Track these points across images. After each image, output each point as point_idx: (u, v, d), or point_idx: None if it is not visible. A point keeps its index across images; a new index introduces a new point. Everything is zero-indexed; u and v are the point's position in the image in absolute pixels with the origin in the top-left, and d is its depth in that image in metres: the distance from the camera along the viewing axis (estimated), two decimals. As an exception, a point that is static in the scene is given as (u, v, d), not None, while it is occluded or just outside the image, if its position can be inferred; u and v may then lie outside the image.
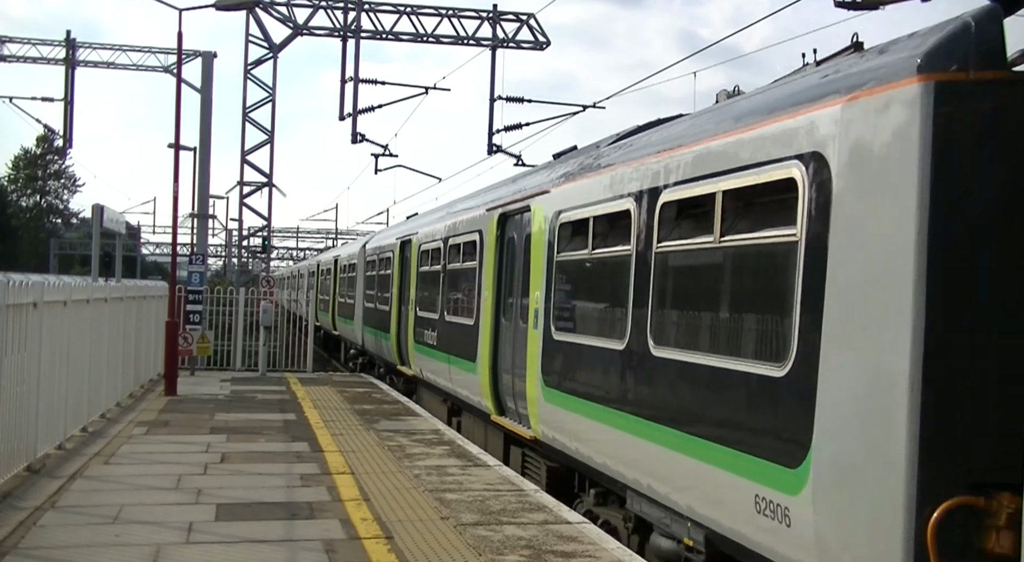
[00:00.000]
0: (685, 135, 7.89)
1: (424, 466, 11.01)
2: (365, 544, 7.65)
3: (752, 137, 6.56)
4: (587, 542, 7.85)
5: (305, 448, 12.13)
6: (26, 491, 9.22)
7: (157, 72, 38.67)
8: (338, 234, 77.01)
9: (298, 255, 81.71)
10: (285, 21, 29.98)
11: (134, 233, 70.79)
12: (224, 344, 23.44)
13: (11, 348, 9.07)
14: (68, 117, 38.82)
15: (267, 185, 31.14)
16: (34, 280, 10.95)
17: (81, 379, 12.45)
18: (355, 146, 31.12)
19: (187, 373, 20.82)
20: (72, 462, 10.79)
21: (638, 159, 8.55)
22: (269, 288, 24.06)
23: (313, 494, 9.45)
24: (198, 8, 18.91)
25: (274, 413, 15.42)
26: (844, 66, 6.11)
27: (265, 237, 32.40)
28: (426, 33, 30.68)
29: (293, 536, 7.90)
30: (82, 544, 7.52)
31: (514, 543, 7.73)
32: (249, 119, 30.47)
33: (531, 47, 31.24)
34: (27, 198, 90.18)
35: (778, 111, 6.37)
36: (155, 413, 15.13)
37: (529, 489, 9.89)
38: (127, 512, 8.55)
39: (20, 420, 9.53)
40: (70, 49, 37.47)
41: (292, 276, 54.36)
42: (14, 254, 74.94)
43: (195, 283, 20.93)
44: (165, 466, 10.76)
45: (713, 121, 7.55)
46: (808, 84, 6.40)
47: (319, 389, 19.28)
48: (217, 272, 56.23)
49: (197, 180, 33.61)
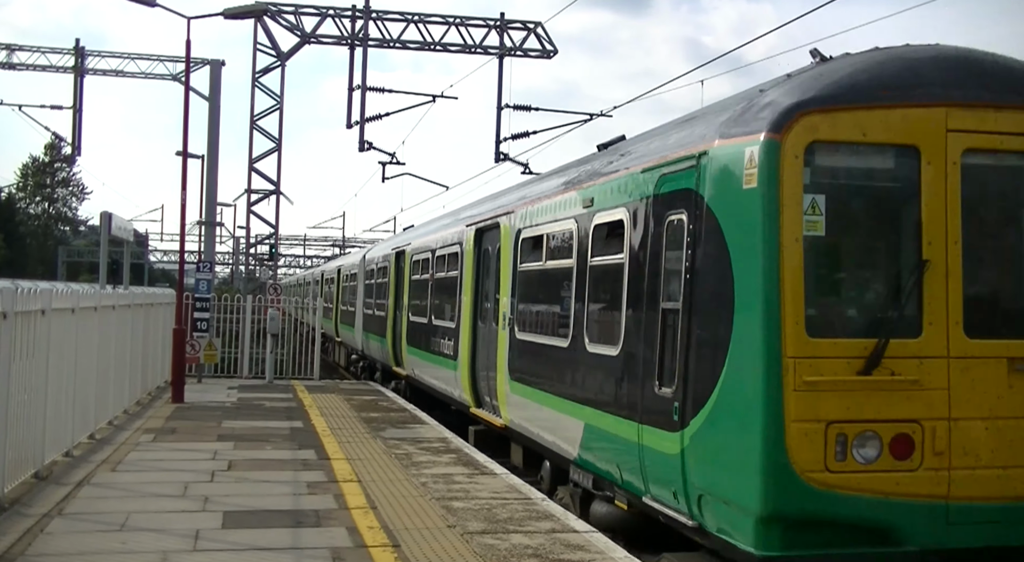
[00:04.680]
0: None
1: (431, 474, 10.99)
2: (372, 552, 7.63)
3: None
4: (594, 551, 7.82)
5: (312, 456, 12.12)
6: (33, 498, 9.22)
7: (165, 80, 38.89)
8: (345, 242, 77.06)
9: (305, 263, 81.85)
10: (293, 29, 30.09)
11: (142, 241, 70.97)
12: (231, 351, 23.47)
13: (19, 355, 9.07)
14: (77, 125, 39.04)
15: (274, 193, 31.24)
16: (42, 287, 10.98)
17: (88, 386, 12.46)
18: (362, 154, 31.26)
19: (194, 380, 20.83)
20: (79, 469, 10.79)
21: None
22: (276, 296, 24.09)
23: (320, 502, 9.43)
24: (206, 16, 19.02)
25: (281, 420, 15.42)
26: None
27: (272, 245, 32.47)
28: (433, 41, 30.76)
29: (300, 544, 7.88)
30: (89, 551, 7.51)
31: (521, 552, 7.70)
32: (257, 127, 30.59)
33: (538, 55, 31.29)
34: (35, 206, 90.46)
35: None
36: (162, 420, 15.14)
37: (536, 497, 9.86)
38: (134, 519, 8.54)
39: (28, 427, 9.54)
40: (79, 57, 37.68)
41: (299, 284, 54.97)
42: (22, 261, 75.15)
43: (202, 290, 20.95)
44: (172, 473, 10.76)
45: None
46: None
47: (326, 397, 19.28)
48: (224, 280, 56.29)
49: (205, 188, 33.77)
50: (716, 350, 6.93)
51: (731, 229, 6.93)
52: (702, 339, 7.16)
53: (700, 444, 7.09)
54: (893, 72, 6.95)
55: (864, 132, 6.67)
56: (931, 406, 6.60)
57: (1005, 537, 6.69)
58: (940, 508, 6.58)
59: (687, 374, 7.29)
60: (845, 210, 6.86)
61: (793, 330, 6.43)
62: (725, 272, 6.92)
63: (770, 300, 6.48)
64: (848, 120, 6.66)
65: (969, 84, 6.93)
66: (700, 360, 7.16)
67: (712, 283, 7.10)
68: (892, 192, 7.02)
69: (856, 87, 6.78)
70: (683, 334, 7.37)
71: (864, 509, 6.48)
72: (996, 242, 7.17)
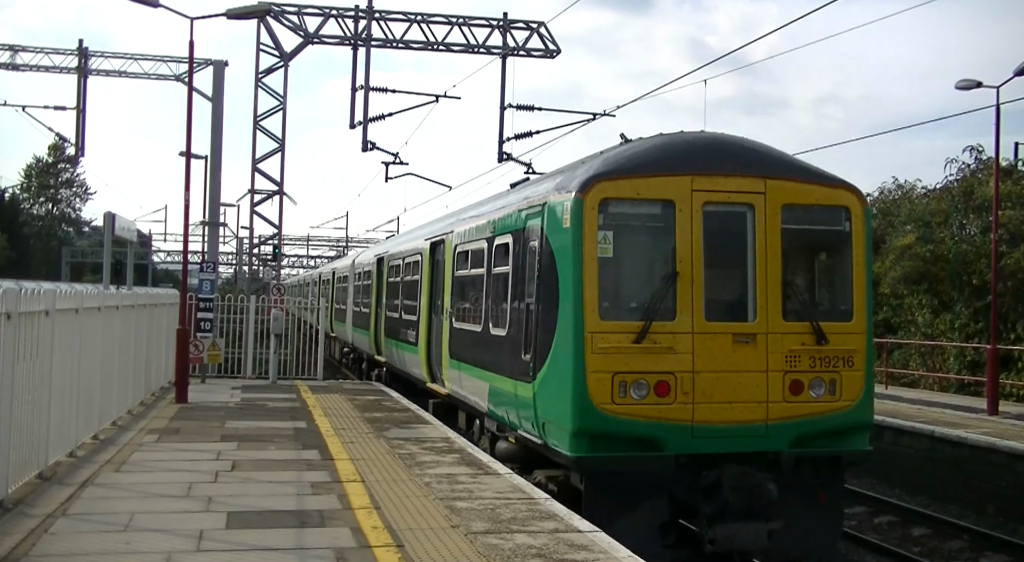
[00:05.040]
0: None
1: (434, 474, 11.00)
2: (376, 552, 7.63)
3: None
4: (598, 550, 7.82)
5: (316, 456, 12.13)
6: (37, 498, 9.23)
7: (169, 81, 38.85)
8: (348, 242, 77.10)
9: (309, 263, 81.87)
10: (296, 30, 30.08)
11: (145, 241, 71.00)
12: (235, 352, 23.49)
13: (23, 356, 9.08)
14: (80, 125, 39.12)
15: (278, 193, 31.24)
16: (46, 288, 10.97)
17: (92, 387, 12.48)
18: (366, 154, 31.24)
19: (198, 381, 20.86)
20: (83, 470, 10.81)
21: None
22: (280, 296, 24.10)
23: (324, 502, 9.44)
24: (209, 17, 19.02)
25: (285, 421, 15.43)
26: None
27: (276, 245, 32.46)
28: (437, 41, 30.73)
29: (304, 544, 7.88)
30: (93, 552, 7.52)
31: (525, 552, 7.70)
32: (260, 127, 30.58)
33: (541, 55, 31.26)
34: (39, 206, 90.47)
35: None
36: (166, 421, 15.16)
37: (540, 497, 9.86)
38: (138, 520, 8.55)
39: (32, 427, 9.55)
40: (82, 58, 37.69)
41: (300, 285, 55.96)
42: (26, 262, 75.18)
43: (206, 291, 20.95)
44: (176, 474, 10.77)
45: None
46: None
47: (329, 397, 19.30)
48: (228, 280, 56.34)
49: (208, 188, 33.81)
50: (550, 329, 10.55)
51: (558, 252, 10.56)
52: (543, 322, 10.78)
53: (542, 389, 10.79)
54: (659, 154, 10.79)
55: (638, 192, 10.42)
56: (681, 363, 10.21)
57: (729, 446, 10.33)
58: (687, 428, 10.21)
59: (536, 345, 10.92)
60: (625, 240, 10.54)
61: (592, 316, 10.08)
62: (555, 279, 10.56)
63: (578, 297, 10.11)
64: (627, 185, 10.40)
65: (709, 161, 10.66)
66: (542, 335, 10.77)
67: (549, 286, 10.70)
68: (656, 229, 10.63)
69: (633, 164, 10.61)
70: (534, 319, 11.04)
71: (638, 428, 10.10)
72: (724, 262, 10.74)
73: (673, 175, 10.43)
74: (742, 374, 10.33)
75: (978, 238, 28.10)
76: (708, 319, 10.26)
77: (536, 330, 10.88)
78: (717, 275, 10.67)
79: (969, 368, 27.03)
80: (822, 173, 11.15)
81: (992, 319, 21.62)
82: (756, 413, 10.34)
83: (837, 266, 11.44)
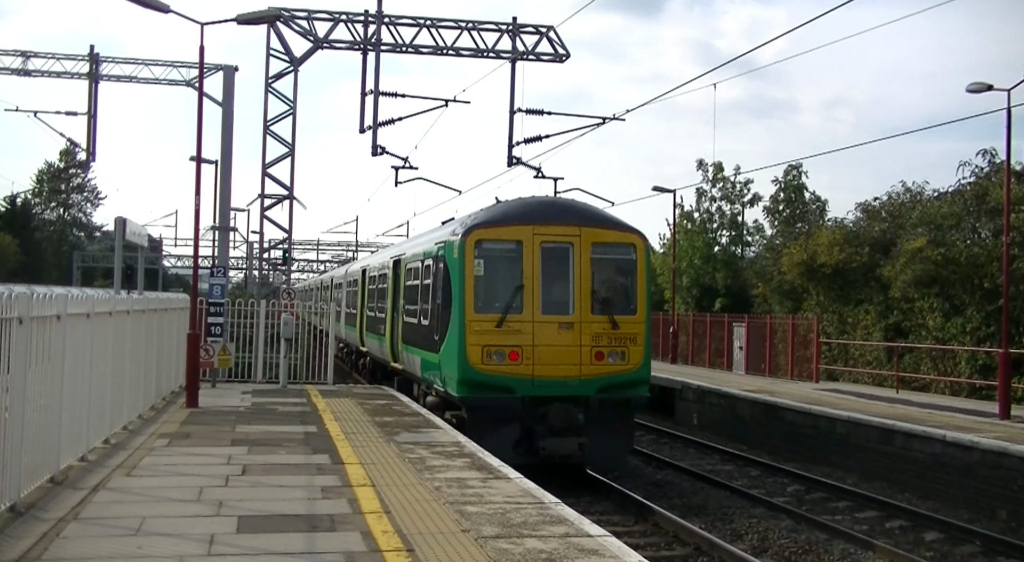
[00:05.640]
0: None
1: (444, 478, 11.00)
2: (386, 557, 7.64)
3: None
4: (608, 555, 7.81)
5: (326, 460, 12.15)
6: (49, 502, 9.27)
7: (179, 86, 38.87)
8: (358, 247, 77.21)
9: (319, 268, 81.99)
10: (306, 34, 30.12)
11: (156, 246, 71.25)
12: (245, 356, 23.54)
13: (35, 360, 9.11)
14: (91, 131, 39.13)
15: (288, 198, 31.27)
16: (57, 293, 11.00)
17: (103, 391, 12.52)
18: (375, 158, 31.24)
19: (208, 385, 20.91)
20: (94, 474, 10.85)
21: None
22: (290, 300, 24.13)
23: (334, 506, 9.45)
24: (220, 22, 19.05)
25: (295, 425, 15.46)
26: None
27: (286, 249, 32.48)
28: (446, 46, 30.72)
29: (314, 548, 7.90)
30: (104, 556, 7.54)
31: (535, 556, 7.70)
32: (270, 132, 30.60)
33: (551, 59, 31.23)
34: (51, 211, 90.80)
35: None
36: (177, 425, 15.20)
37: (550, 502, 9.86)
38: (149, 524, 8.58)
39: (44, 432, 9.59)
40: (93, 63, 37.79)
41: (307, 289, 56.49)
42: (38, 267, 75.49)
43: (216, 295, 21.00)
44: (187, 478, 10.79)
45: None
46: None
47: (339, 401, 19.33)
48: (238, 284, 56.45)
49: (218, 193, 33.83)
50: (447, 319, 16.59)
51: (452, 271, 16.60)
52: (443, 315, 16.86)
53: (443, 355, 16.86)
54: (514, 211, 17.10)
55: (499, 235, 16.55)
56: (526, 340, 16.20)
57: (556, 391, 16.19)
58: (530, 380, 16.19)
59: (440, 328, 16.95)
60: (491, 265, 16.51)
61: (470, 310, 16.17)
62: (449, 288, 16.60)
63: (462, 299, 16.21)
64: (493, 231, 16.57)
65: (545, 216, 16.90)
66: (442, 323, 16.85)
67: (447, 292, 16.72)
68: (511, 258, 16.49)
69: (497, 218, 16.91)
70: (439, 313, 17.08)
71: (500, 379, 16.09)
72: (554, 278, 16.59)
73: (522, 225, 16.58)
74: (564, 348, 16.32)
75: (989, 241, 28.00)
76: (543, 313, 16.38)
77: (440, 319, 16.98)
78: (549, 286, 16.53)
79: (981, 372, 26.89)
80: (619, 222, 17.46)
81: (1004, 323, 21.53)
82: (573, 372, 16.33)
83: (626, 281, 17.20)
